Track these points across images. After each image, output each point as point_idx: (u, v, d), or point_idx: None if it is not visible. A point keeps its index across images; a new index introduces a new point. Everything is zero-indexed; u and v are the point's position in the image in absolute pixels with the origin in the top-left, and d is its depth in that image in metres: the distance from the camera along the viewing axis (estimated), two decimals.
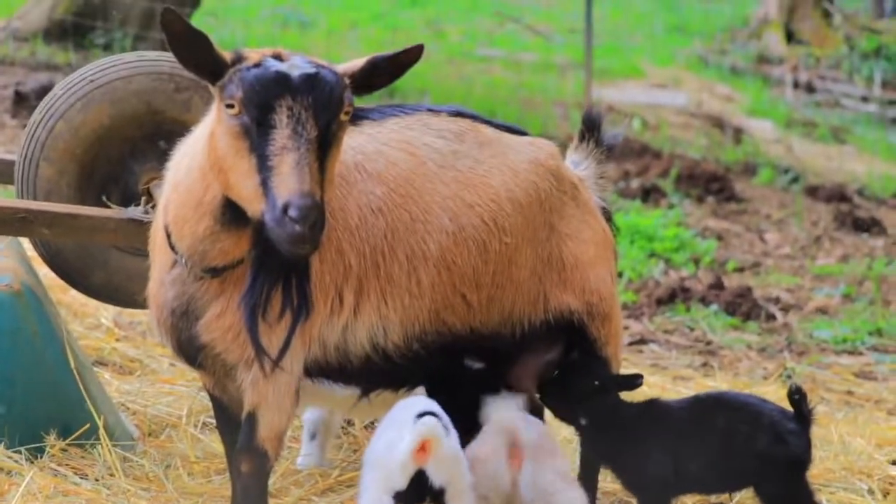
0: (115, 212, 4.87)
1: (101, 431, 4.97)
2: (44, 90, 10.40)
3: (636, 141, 13.59)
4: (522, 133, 4.75)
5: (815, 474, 5.42)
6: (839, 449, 5.83)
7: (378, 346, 4.30)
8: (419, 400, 4.34)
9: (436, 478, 4.08)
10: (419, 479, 4.07)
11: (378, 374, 4.38)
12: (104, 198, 5.02)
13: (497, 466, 4.30)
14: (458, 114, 4.60)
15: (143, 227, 4.74)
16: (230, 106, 3.78)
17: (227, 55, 3.87)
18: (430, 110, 4.57)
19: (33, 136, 5.04)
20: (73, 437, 5.01)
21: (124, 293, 5.12)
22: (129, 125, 5.01)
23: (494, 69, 17.44)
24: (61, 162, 5.02)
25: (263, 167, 3.71)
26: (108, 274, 5.10)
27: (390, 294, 4.28)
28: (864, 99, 18.36)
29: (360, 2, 22.34)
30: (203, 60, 3.85)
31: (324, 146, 3.76)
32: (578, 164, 4.93)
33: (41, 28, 13.50)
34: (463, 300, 4.40)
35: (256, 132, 3.74)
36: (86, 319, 6.75)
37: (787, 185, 13.15)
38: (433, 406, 4.20)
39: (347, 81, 3.87)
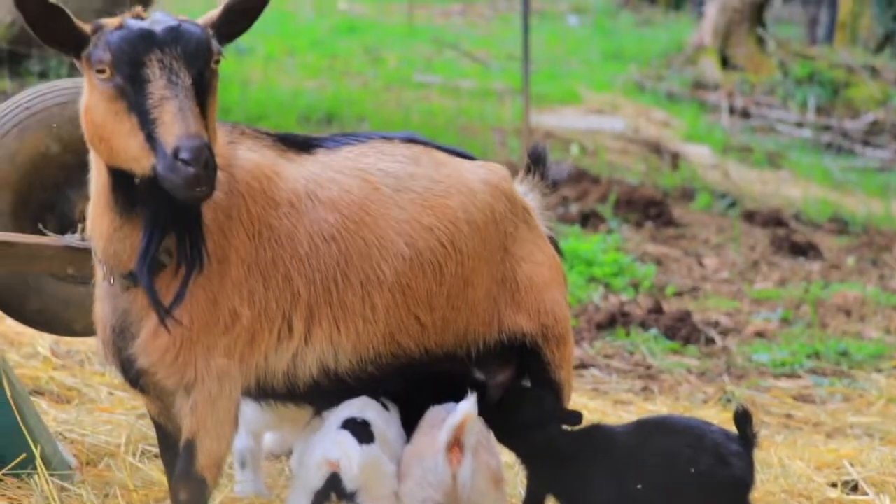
0: (52, 239, 4.81)
1: (38, 461, 4.90)
2: None
3: (574, 167, 13.63)
4: (472, 158, 4.76)
5: (755, 497, 5.43)
6: (779, 472, 5.85)
7: (329, 371, 4.29)
8: (355, 403, 4.41)
9: (348, 483, 4.21)
10: (334, 481, 4.21)
11: (330, 394, 4.38)
12: (40, 225, 4.96)
13: (435, 461, 4.31)
14: (411, 140, 4.61)
15: (79, 254, 4.69)
16: (101, 71, 3.83)
17: (87, 26, 3.91)
18: (383, 137, 4.57)
19: None
20: (9, 466, 4.93)
21: (60, 321, 5.07)
22: (65, 152, 4.96)
23: (432, 96, 17.46)
24: None
25: (146, 122, 3.76)
26: (43, 302, 5.04)
27: (343, 320, 4.27)
28: (799, 124, 18.55)
29: (297, 29, 22.33)
30: (64, 34, 3.89)
31: (200, 94, 3.83)
32: (525, 195, 4.93)
33: None
34: (417, 322, 4.39)
35: (132, 90, 3.79)
36: (22, 348, 6.67)
37: (724, 210, 13.23)
38: (360, 411, 4.33)
39: (210, 31, 3.95)
